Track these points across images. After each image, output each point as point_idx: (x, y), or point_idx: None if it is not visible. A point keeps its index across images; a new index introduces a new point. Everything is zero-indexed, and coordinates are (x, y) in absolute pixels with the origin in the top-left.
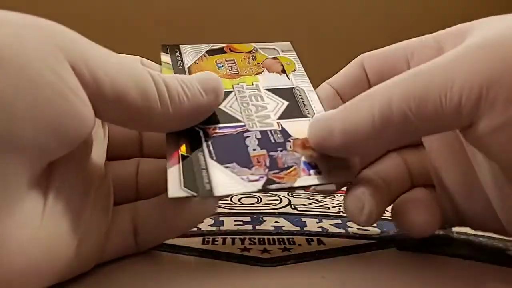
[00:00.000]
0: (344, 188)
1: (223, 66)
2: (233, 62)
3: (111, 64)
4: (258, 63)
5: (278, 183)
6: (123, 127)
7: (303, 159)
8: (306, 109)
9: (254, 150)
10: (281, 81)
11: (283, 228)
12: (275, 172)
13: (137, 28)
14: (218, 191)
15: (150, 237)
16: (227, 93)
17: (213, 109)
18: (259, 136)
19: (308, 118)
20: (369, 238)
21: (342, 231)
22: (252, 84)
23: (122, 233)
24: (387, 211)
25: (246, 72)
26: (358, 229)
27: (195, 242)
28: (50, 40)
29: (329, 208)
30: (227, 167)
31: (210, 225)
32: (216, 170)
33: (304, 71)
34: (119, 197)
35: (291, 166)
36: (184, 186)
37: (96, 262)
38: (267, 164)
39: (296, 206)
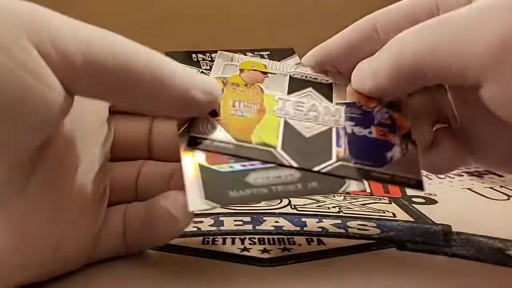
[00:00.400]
0: (343, 189)
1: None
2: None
3: (84, 35)
4: (245, 85)
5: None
6: (106, 100)
7: None
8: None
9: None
10: (276, 81)
11: (283, 228)
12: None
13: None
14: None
15: (135, 242)
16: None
17: (206, 110)
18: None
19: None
20: (369, 238)
21: (342, 231)
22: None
23: (113, 234)
24: (387, 211)
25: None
26: (358, 229)
27: (195, 242)
28: (9, 18)
29: (329, 208)
30: None
31: (210, 225)
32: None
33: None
34: (118, 198)
35: None
36: (206, 198)
37: (86, 261)
38: None
39: (296, 206)
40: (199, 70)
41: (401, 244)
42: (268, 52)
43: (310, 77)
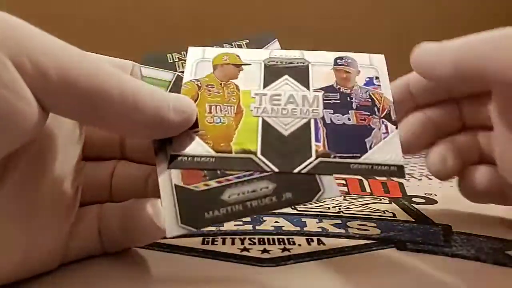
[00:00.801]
0: (318, 197)
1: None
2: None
3: (60, 53)
4: (220, 84)
5: None
6: (77, 121)
7: None
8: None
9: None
10: (251, 73)
11: (283, 228)
12: None
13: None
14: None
15: (112, 242)
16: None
17: (179, 130)
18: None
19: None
20: (369, 238)
21: (342, 231)
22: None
23: (87, 234)
24: (387, 211)
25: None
26: (358, 229)
27: (195, 242)
28: None
29: (329, 208)
30: None
31: None
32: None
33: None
34: (92, 197)
35: None
36: (181, 223)
37: (59, 262)
38: None
39: (296, 206)
40: (174, 74)
41: (401, 244)
42: (247, 41)
43: (286, 62)
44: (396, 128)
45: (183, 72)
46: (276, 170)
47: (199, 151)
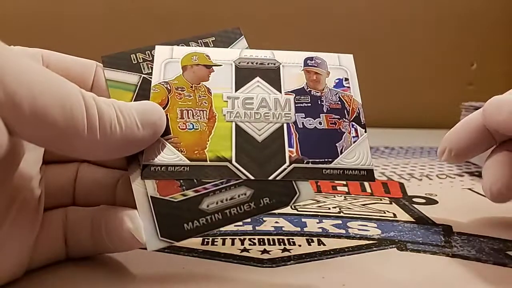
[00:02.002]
0: (294, 201)
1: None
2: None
3: (33, 81)
4: (191, 87)
5: None
6: (45, 148)
7: None
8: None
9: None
10: (222, 74)
11: (283, 228)
12: None
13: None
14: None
15: (79, 249)
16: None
17: (149, 144)
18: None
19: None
20: (369, 238)
21: (342, 231)
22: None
23: (52, 240)
24: (388, 211)
25: (203, 102)
26: (358, 229)
27: (195, 243)
28: None
29: (329, 209)
30: None
31: None
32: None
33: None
34: (55, 201)
35: None
36: (161, 237)
37: (24, 270)
38: None
39: (296, 207)
40: (140, 76)
41: (402, 244)
42: (213, 38)
43: (256, 63)
44: (365, 131)
45: (149, 74)
46: (252, 177)
47: (173, 160)
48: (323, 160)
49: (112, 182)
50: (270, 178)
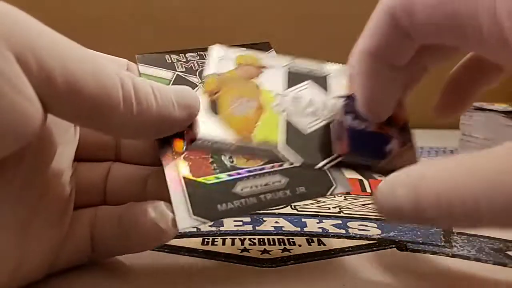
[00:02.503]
0: (330, 192)
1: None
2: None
3: (67, 56)
4: (241, 81)
5: None
6: (79, 125)
7: None
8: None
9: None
10: (272, 75)
11: (283, 228)
12: None
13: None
14: None
15: (105, 249)
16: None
17: (185, 125)
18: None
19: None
20: (369, 238)
21: (343, 231)
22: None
23: (78, 240)
24: None
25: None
26: (358, 229)
27: (195, 243)
28: None
29: (329, 209)
30: None
31: (209, 226)
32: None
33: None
34: (85, 199)
35: None
36: (194, 215)
37: (46, 272)
38: None
39: (296, 207)
40: (174, 73)
41: (402, 244)
42: (244, 49)
43: (306, 70)
44: (411, 142)
45: (183, 72)
46: (298, 164)
47: (221, 136)
48: (372, 158)
49: (143, 178)
50: (317, 166)
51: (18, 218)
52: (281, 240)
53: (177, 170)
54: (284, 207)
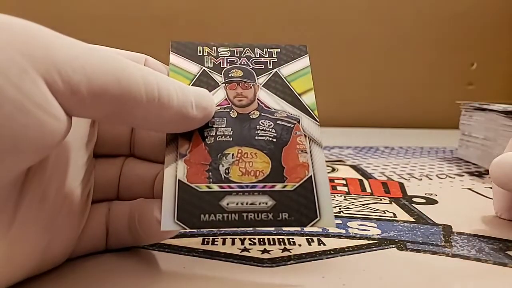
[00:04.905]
0: (312, 224)
1: None
2: None
3: (89, 64)
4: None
5: None
6: (101, 122)
7: None
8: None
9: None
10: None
11: (283, 228)
12: None
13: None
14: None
15: (117, 241)
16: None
17: (199, 125)
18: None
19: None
20: (369, 238)
21: (342, 231)
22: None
23: (95, 232)
24: (388, 211)
25: None
26: (358, 229)
27: (195, 243)
28: (12, 46)
29: None
30: None
31: None
32: None
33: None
34: (101, 194)
35: None
36: (177, 219)
37: (66, 258)
38: None
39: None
40: (201, 68)
41: (402, 244)
42: (278, 50)
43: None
44: None
45: (209, 68)
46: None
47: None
48: None
49: (152, 176)
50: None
51: (44, 213)
52: (281, 240)
53: (175, 171)
54: None
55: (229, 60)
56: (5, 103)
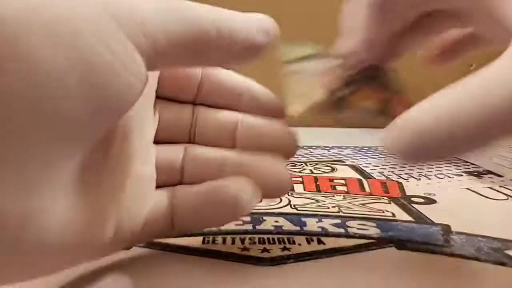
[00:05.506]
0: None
1: None
2: None
3: (165, 13)
4: None
5: None
6: (177, 66)
7: None
8: None
9: None
10: None
11: (283, 227)
12: None
13: None
14: None
15: (186, 224)
16: None
17: (265, 51)
18: None
19: None
20: (369, 238)
21: (342, 230)
22: None
23: (159, 216)
24: (387, 211)
25: None
26: (358, 228)
27: (195, 242)
28: (99, 7)
29: (328, 208)
30: None
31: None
32: None
33: None
34: (162, 180)
35: None
36: None
37: (133, 243)
38: None
39: (296, 206)
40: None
41: (401, 243)
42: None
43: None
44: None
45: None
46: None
47: None
48: None
49: (220, 160)
50: None
51: (115, 182)
52: (281, 239)
53: None
54: (284, 207)
55: None
56: (101, 65)
